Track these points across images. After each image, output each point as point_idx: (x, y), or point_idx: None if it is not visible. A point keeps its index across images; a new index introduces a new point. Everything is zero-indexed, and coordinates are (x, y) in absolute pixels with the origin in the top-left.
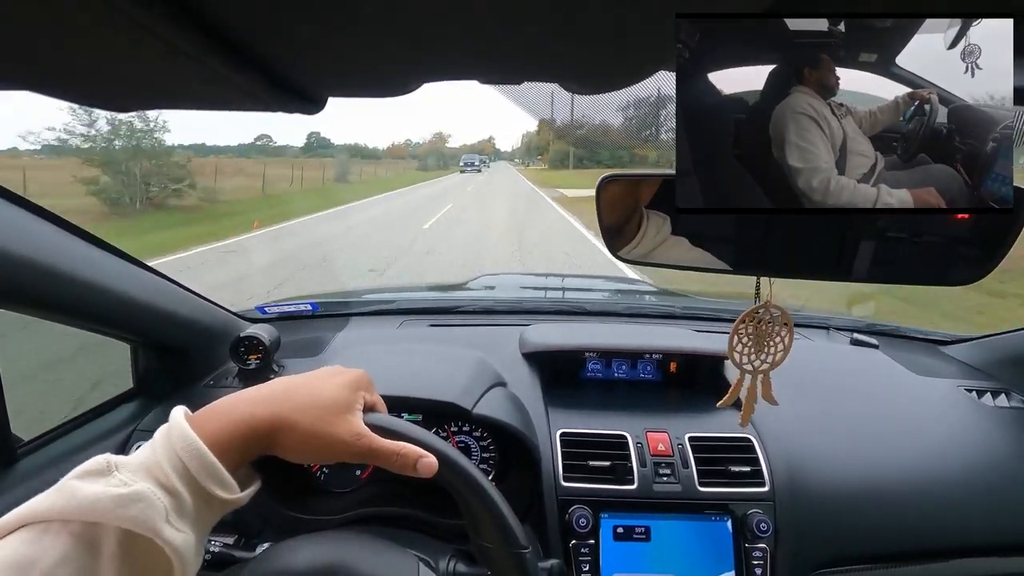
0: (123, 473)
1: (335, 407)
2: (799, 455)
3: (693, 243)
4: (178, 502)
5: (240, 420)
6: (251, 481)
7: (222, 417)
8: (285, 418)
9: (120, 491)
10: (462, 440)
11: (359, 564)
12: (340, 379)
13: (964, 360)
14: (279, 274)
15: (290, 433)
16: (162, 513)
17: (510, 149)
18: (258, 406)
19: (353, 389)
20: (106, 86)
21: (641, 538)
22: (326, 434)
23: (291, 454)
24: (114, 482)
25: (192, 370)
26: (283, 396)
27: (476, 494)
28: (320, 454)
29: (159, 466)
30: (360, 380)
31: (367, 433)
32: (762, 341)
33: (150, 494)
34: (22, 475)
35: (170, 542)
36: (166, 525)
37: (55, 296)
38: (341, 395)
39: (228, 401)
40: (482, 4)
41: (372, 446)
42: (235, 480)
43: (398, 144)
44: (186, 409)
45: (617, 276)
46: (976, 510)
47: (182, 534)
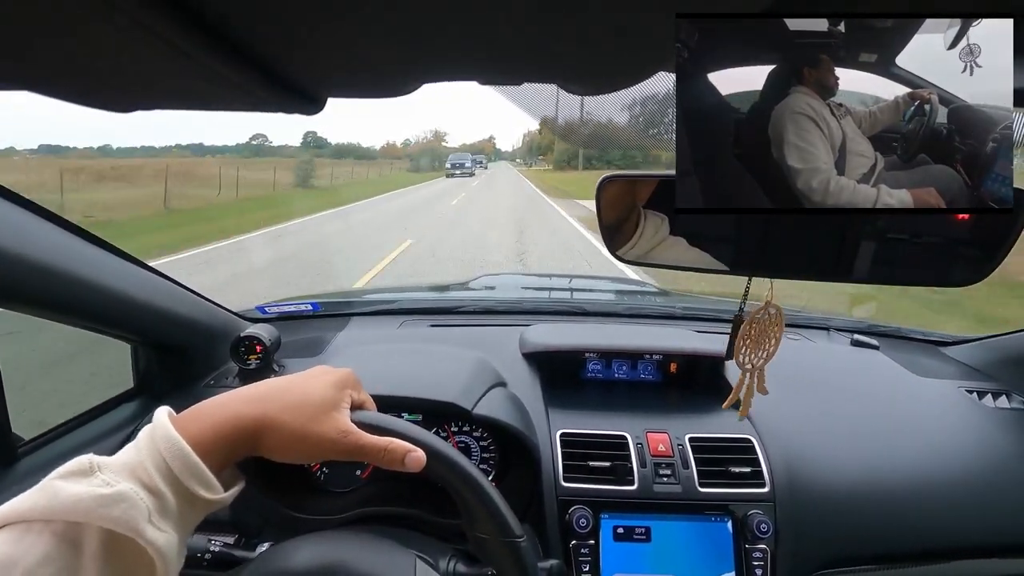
0: (106, 473)
1: (322, 406)
2: (799, 456)
3: (691, 243)
4: (161, 502)
5: (225, 420)
6: (236, 481)
7: (207, 417)
8: (272, 418)
9: (102, 491)
10: (462, 440)
11: (359, 564)
12: (327, 378)
13: (964, 361)
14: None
15: (276, 433)
16: (144, 513)
17: (511, 148)
18: (244, 406)
19: (339, 388)
20: (106, 86)
21: (641, 539)
22: (312, 433)
23: (277, 454)
24: (96, 482)
25: (192, 370)
26: (269, 396)
27: (468, 485)
28: (307, 453)
29: (142, 466)
30: (347, 379)
31: (353, 430)
32: (760, 340)
33: (133, 494)
34: (22, 474)
35: (153, 542)
36: (149, 525)
37: (54, 295)
38: (327, 394)
39: (214, 401)
40: (482, 4)
41: (359, 443)
42: (220, 480)
43: (391, 144)
44: (170, 410)
45: (617, 276)
46: (976, 511)
47: (165, 534)
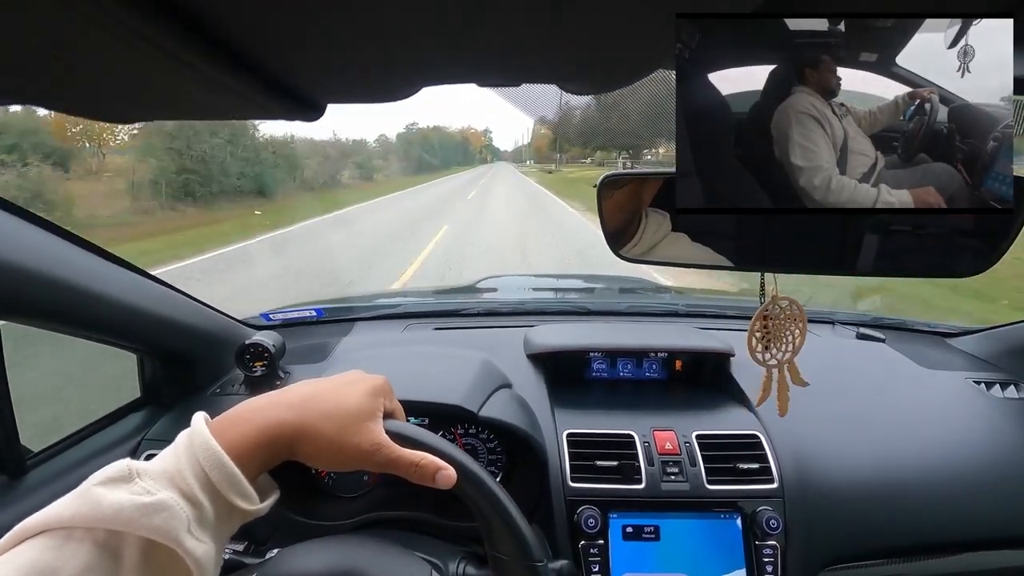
0: (145, 480)
1: (358, 415)
2: (807, 451)
3: (694, 240)
4: (199, 512)
5: (266, 426)
6: (271, 491)
7: (245, 423)
8: (311, 425)
9: (144, 500)
10: (469, 442)
11: (369, 569)
12: (363, 386)
13: (971, 352)
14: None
15: (314, 440)
16: (184, 523)
17: (513, 147)
18: (284, 411)
19: (375, 396)
20: (105, 97)
21: (650, 537)
22: (348, 443)
23: (312, 460)
24: (137, 490)
25: (198, 378)
26: (307, 402)
27: (493, 506)
28: (340, 462)
29: (181, 475)
30: (382, 387)
31: (387, 443)
32: (778, 334)
33: (173, 504)
34: (32, 486)
35: (191, 552)
36: (188, 535)
37: (58, 307)
38: (363, 403)
39: (252, 405)
40: (480, 6)
41: (391, 457)
42: (256, 488)
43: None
44: (206, 415)
45: (620, 276)
46: (986, 503)
47: (203, 544)
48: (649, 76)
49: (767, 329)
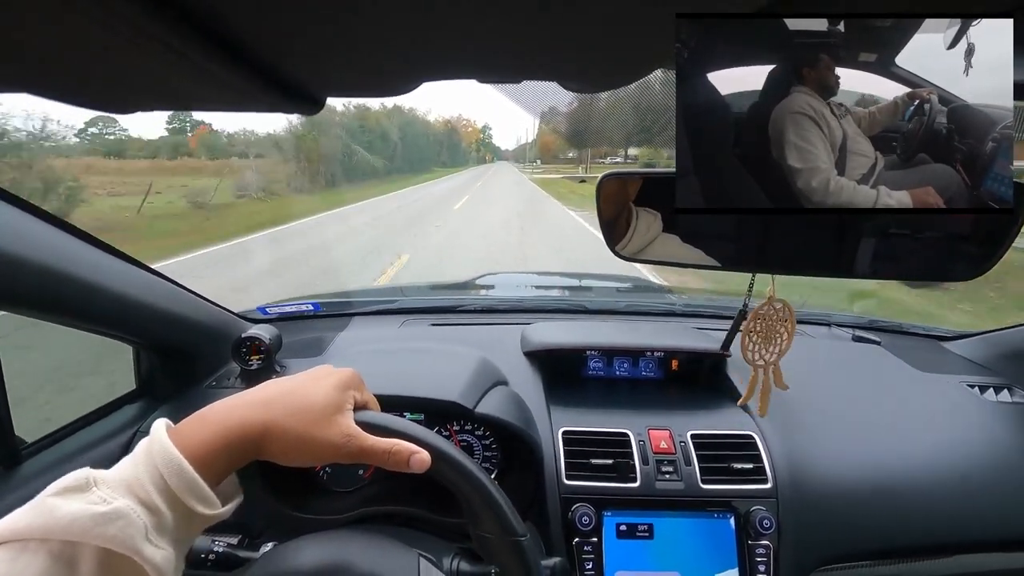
0: (102, 489)
1: (325, 409)
2: (802, 451)
3: (691, 240)
4: (158, 519)
5: (229, 428)
6: (235, 494)
7: (208, 426)
8: (277, 423)
9: (99, 509)
10: (464, 439)
11: (363, 563)
12: (330, 380)
13: (966, 356)
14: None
15: (280, 439)
16: (142, 531)
17: (514, 146)
18: (249, 411)
19: (343, 389)
20: (106, 88)
21: (644, 536)
22: (316, 438)
23: (281, 458)
24: (93, 499)
25: (194, 371)
26: (273, 400)
27: (471, 484)
28: (311, 458)
29: (139, 483)
30: (350, 379)
31: (358, 433)
32: (769, 336)
33: (130, 512)
34: (26, 477)
35: (150, 560)
36: (146, 543)
37: (54, 298)
38: (331, 396)
39: (216, 407)
40: (481, 4)
41: (363, 446)
42: (219, 493)
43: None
44: (168, 421)
45: (618, 274)
46: (979, 506)
47: (162, 551)
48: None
49: (758, 329)
